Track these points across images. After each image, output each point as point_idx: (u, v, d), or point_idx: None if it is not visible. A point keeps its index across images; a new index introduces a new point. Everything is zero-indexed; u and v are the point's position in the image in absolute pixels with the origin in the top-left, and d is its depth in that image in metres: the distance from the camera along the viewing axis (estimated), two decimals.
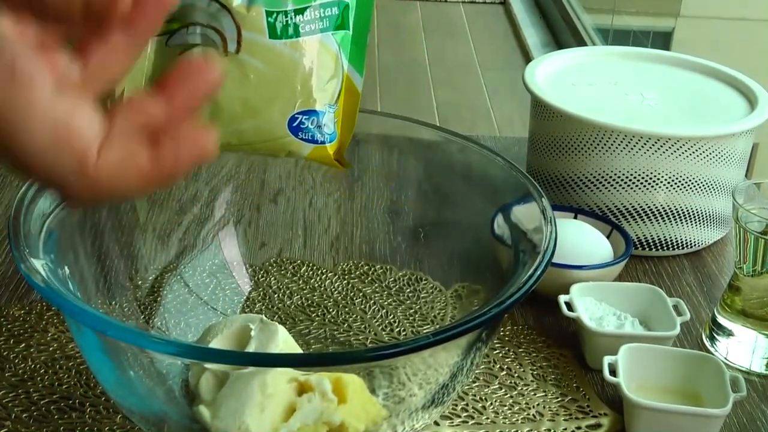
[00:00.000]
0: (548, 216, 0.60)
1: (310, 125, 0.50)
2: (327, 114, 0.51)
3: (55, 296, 0.50)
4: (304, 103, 0.50)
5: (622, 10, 3.71)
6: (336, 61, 0.50)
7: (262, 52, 0.50)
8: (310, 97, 0.50)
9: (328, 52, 0.50)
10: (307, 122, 0.50)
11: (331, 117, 0.51)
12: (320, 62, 0.50)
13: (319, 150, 0.51)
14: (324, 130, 0.50)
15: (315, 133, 0.50)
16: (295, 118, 0.50)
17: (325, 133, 0.50)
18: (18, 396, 0.66)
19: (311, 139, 0.50)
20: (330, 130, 0.51)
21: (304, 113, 0.50)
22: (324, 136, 0.51)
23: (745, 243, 0.71)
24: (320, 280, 0.75)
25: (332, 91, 0.50)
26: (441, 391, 0.58)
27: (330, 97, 0.51)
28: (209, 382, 0.58)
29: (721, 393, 0.65)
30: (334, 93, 0.51)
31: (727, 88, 0.95)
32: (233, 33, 0.49)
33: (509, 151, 1.05)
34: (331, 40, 0.50)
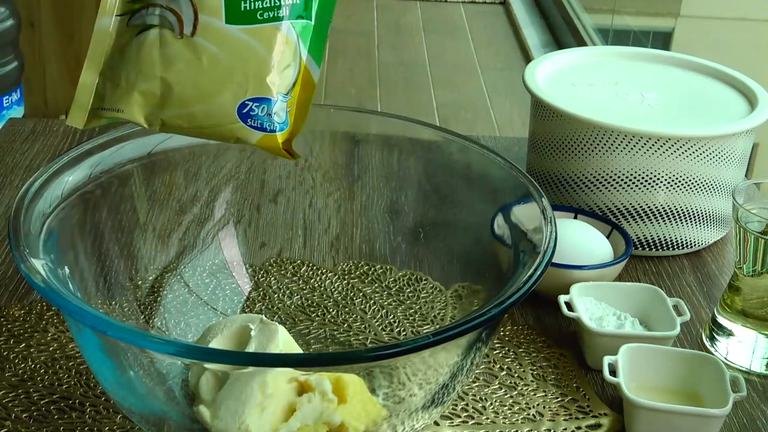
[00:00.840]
0: (548, 216, 0.60)
1: (260, 113, 0.50)
2: (279, 102, 0.50)
3: (55, 296, 0.50)
4: (255, 89, 0.50)
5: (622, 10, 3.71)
6: (294, 50, 0.50)
7: (218, 37, 0.49)
8: (262, 84, 0.49)
9: (286, 40, 0.50)
10: (257, 109, 0.50)
11: (284, 106, 0.50)
12: (276, 50, 0.49)
13: (268, 138, 0.50)
14: (274, 118, 0.50)
15: (264, 121, 0.50)
16: (245, 105, 0.50)
17: (275, 122, 0.50)
18: (18, 396, 0.66)
19: (260, 127, 0.50)
20: (281, 119, 0.50)
21: (255, 100, 0.50)
22: (273, 125, 0.50)
23: (745, 243, 0.71)
24: (320, 280, 0.75)
25: (287, 80, 0.50)
26: (441, 391, 0.58)
27: (284, 86, 0.50)
28: (209, 382, 0.58)
29: (721, 393, 0.65)
30: (288, 82, 0.50)
31: (727, 88, 0.95)
32: (190, 15, 0.49)
33: (509, 151, 1.05)
34: (290, 29, 0.50)
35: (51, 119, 1.03)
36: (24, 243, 0.53)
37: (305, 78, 0.50)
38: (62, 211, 0.59)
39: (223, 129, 0.50)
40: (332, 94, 3.16)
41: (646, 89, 0.94)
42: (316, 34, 0.51)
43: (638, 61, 1.01)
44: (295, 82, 0.50)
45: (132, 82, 0.50)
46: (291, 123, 0.51)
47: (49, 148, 0.99)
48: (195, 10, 0.49)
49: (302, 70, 0.50)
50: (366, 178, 0.76)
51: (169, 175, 0.71)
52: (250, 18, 0.49)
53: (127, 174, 0.67)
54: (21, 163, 0.96)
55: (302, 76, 0.50)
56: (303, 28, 0.50)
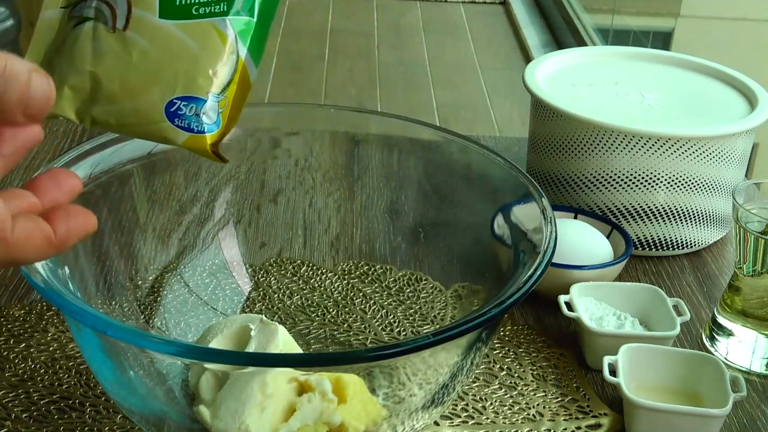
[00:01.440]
0: (548, 216, 0.60)
1: (188, 112, 0.47)
2: (209, 102, 0.47)
3: (55, 296, 0.50)
4: (185, 88, 0.47)
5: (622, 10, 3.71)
6: (231, 48, 0.47)
7: (150, 31, 0.47)
8: (193, 82, 0.47)
9: (222, 37, 0.47)
10: (185, 109, 0.47)
11: (215, 106, 0.47)
12: (210, 47, 0.47)
13: (195, 139, 0.47)
14: (203, 119, 0.47)
15: (192, 121, 0.47)
16: (173, 104, 0.47)
17: (204, 123, 0.47)
18: (18, 396, 0.66)
19: (186, 127, 0.47)
20: (211, 120, 0.47)
21: (184, 99, 0.47)
22: (201, 126, 0.47)
23: (745, 243, 0.71)
24: (320, 280, 0.75)
25: (221, 79, 0.47)
26: (441, 391, 0.58)
27: (217, 86, 0.47)
28: (209, 382, 0.58)
29: (721, 393, 0.65)
30: (222, 81, 0.47)
31: (727, 88, 0.95)
32: (124, 9, 0.47)
33: (509, 151, 1.05)
34: (227, 25, 0.47)
35: (51, 119, 1.03)
36: None
37: (242, 77, 0.48)
38: None
39: (151, 128, 0.47)
40: (332, 94, 3.16)
41: (646, 89, 0.94)
42: (257, 33, 0.48)
43: (638, 61, 1.01)
44: (230, 81, 0.48)
45: (64, 76, 0.47)
46: (223, 124, 0.48)
47: (49, 148, 0.99)
48: (129, 3, 0.47)
49: (239, 70, 0.48)
50: (366, 178, 0.76)
51: (169, 175, 0.71)
52: (185, 13, 0.47)
53: (127, 174, 0.67)
54: (21, 163, 0.96)
55: (239, 75, 0.48)
56: (244, 25, 0.48)
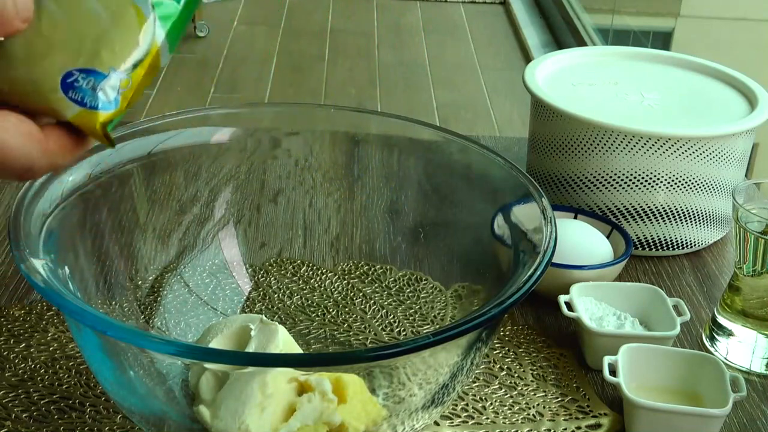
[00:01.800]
0: (548, 216, 0.60)
1: (85, 85, 0.44)
2: (111, 79, 0.44)
3: (55, 296, 0.50)
4: (87, 60, 0.44)
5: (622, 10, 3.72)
6: (147, 30, 0.45)
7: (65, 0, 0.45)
8: (96, 56, 0.44)
9: (138, 14, 0.45)
10: (82, 81, 0.44)
11: (116, 85, 0.45)
12: (123, 23, 0.45)
13: (86, 115, 0.45)
14: (98, 94, 0.44)
15: (86, 95, 0.44)
16: (71, 74, 0.44)
17: (99, 99, 0.44)
18: (18, 396, 0.66)
19: (79, 101, 0.44)
20: (107, 98, 0.44)
21: (83, 71, 0.44)
22: (96, 101, 0.44)
23: (745, 243, 0.71)
24: (320, 280, 0.75)
25: (129, 58, 0.45)
26: (441, 391, 0.58)
27: (122, 62, 0.45)
28: (209, 382, 0.58)
29: (721, 393, 0.65)
30: (130, 61, 0.45)
31: (727, 88, 0.95)
32: None
33: (509, 151, 1.05)
34: (148, 6, 0.45)
35: None
36: (24, 243, 0.53)
37: (152, 63, 0.45)
38: (62, 211, 0.59)
39: (41, 97, 0.44)
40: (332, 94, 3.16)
41: (646, 89, 0.94)
42: (179, 20, 0.46)
43: (638, 61, 1.01)
44: (138, 62, 0.45)
45: None
46: (120, 106, 0.45)
47: None
48: None
49: (152, 53, 0.45)
50: (366, 178, 0.76)
51: (169, 175, 0.71)
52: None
53: (127, 174, 0.67)
54: None
55: (150, 60, 0.45)
56: (167, 9, 0.45)
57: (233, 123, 0.74)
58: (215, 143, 0.74)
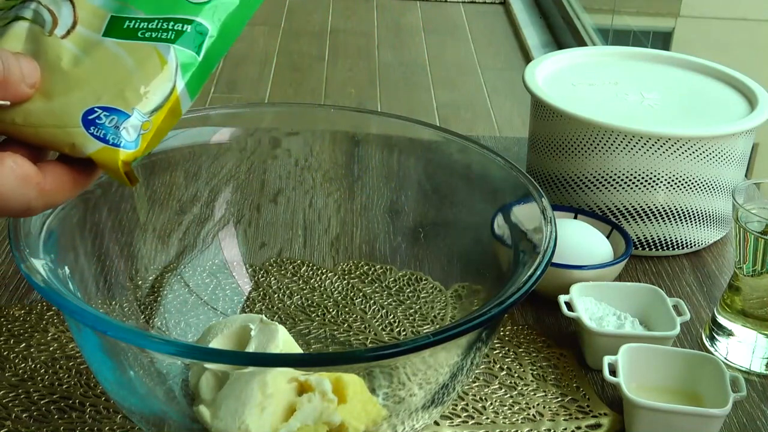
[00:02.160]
0: (548, 216, 0.60)
1: (108, 123, 0.45)
2: (133, 119, 0.45)
3: (55, 296, 0.50)
4: (110, 98, 0.45)
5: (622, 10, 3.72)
6: (169, 75, 0.46)
7: (89, 45, 0.46)
8: (120, 95, 0.45)
9: (162, 62, 0.46)
10: (105, 119, 0.45)
11: (138, 125, 0.45)
12: (148, 68, 0.46)
13: (108, 152, 0.45)
14: (122, 133, 0.45)
15: (109, 133, 0.45)
16: (93, 111, 0.45)
17: (122, 137, 0.45)
18: (18, 396, 0.66)
19: (102, 138, 0.45)
20: (130, 137, 0.45)
21: (106, 109, 0.45)
22: (119, 139, 0.45)
23: (745, 243, 0.71)
24: (320, 280, 0.75)
25: (151, 101, 0.46)
26: (441, 391, 0.58)
27: (145, 106, 0.45)
28: (209, 382, 0.58)
29: (721, 393, 0.65)
30: (152, 104, 0.46)
31: (727, 88, 0.95)
32: (68, 22, 0.46)
33: (509, 151, 1.05)
34: (170, 53, 0.46)
35: None
36: (24, 243, 0.53)
37: (173, 108, 0.46)
38: (62, 211, 0.59)
39: (60, 131, 0.45)
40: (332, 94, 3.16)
41: (646, 89, 0.94)
42: (199, 71, 0.47)
43: (638, 61, 1.01)
44: (160, 106, 0.46)
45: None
46: (141, 147, 0.45)
47: None
48: (75, 20, 0.46)
49: (172, 99, 0.46)
50: (366, 178, 0.76)
51: (169, 175, 0.71)
52: (130, 34, 0.46)
53: None
54: None
55: (171, 104, 0.46)
56: (188, 59, 0.46)
57: (233, 123, 0.74)
58: (215, 143, 0.74)
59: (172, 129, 0.47)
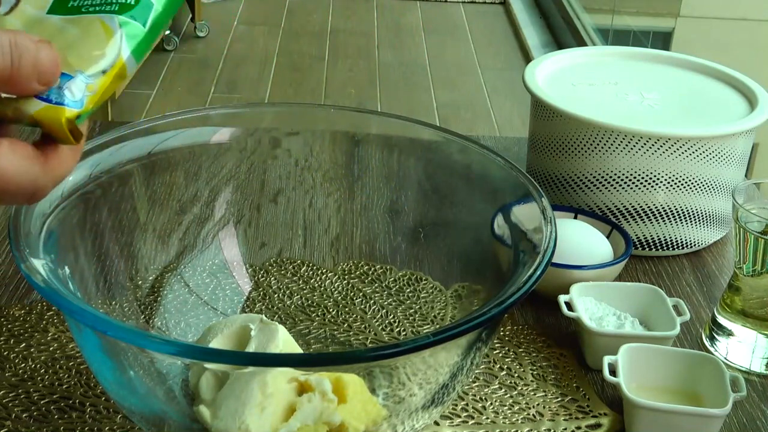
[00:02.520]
0: (548, 216, 0.60)
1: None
2: (77, 80, 0.46)
3: (55, 296, 0.50)
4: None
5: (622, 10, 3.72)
6: (113, 43, 0.48)
7: (33, 21, 0.47)
8: (64, 60, 0.46)
9: (107, 31, 0.47)
10: None
11: (82, 87, 0.46)
12: (92, 36, 0.47)
13: (51, 111, 0.46)
14: (65, 92, 0.46)
15: (52, 92, 0.45)
16: None
17: (65, 96, 0.46)
18: (18, 396, 0.66)
19: (44, 98, 0.46)
20: (73, 96, 0.46)
21: None
22: (61, 98, 0.46)
23: (745, 243, 0.71)
24: (320, 280, 0.75)
25: (95, 65, 0.47)
26: (441, 391, 0.58)
27: (88, 68, 0.47)
28: (209, 382, 0.58)
29: (721, 393, 0.65)
30: (97, 68, 0.47)
31: (727, 88, 0.95)
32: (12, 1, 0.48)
33: (509, 151, 1.05)
34: (113, 22, 0.48)
35: None
36: (24, 243, 0.53)
37: (119, 72, 0.48)
38: (62, 211, 0.59)
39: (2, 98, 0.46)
40: (332, 94, 3.16)
41: (646, 89, 0.94)
42: (146, 41, 0.49)
43: (638, 61, 1.01)
44: (104, 71, 0.47)
45: None
46: (85, 107, 0.47)
47: None
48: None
49: (117, 66, 0.48)
50: (366, 178, 0.76)
51: (169, 175, 0.71)
52: (74, 11, 0.48)
53: (127, 174, 0.67)
54: None
55: (117, 70, 0.48)
56: (132, 29, 0.48)
57: (233, 123, 0.74)
58: (215, 143, 0.74)
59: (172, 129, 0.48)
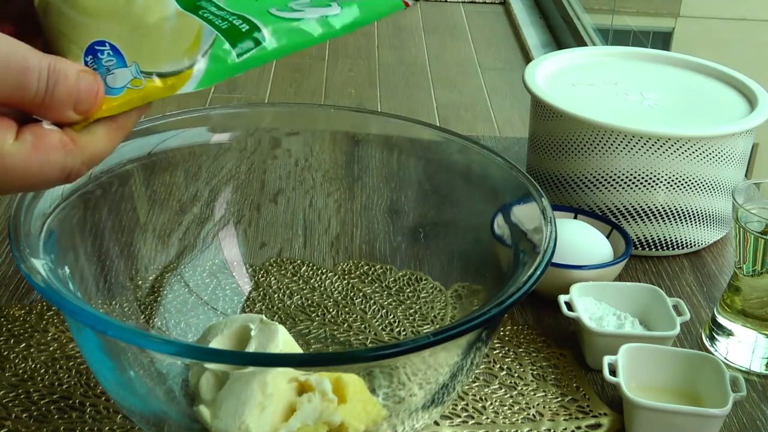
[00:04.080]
0: (548, 216, 0.60)
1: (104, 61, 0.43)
2: (128, 70, 0.43)
3: (55, 296, 0.50)
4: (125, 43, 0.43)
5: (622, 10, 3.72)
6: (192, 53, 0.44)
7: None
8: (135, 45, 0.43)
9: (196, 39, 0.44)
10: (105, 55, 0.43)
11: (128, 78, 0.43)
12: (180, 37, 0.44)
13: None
14: (108, 77, 0.43)
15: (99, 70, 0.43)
16: (104, 44, 0.43)
17: (107, 80, 0.43)
18: (18, 396, 0.66)
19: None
20: (115, 84, 0.43)
21: (114, 49, 0.43)
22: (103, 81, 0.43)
23: (745, 243, 0.71)
24: (320, 280, 0.75)
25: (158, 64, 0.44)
26: (441, 391, 0.58)
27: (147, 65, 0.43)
28: (209, 382, 0.58)
29: (721, 393, 0.65)
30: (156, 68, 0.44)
31: (727, 88, 0.95)
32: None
33: (509, 151, 1.05)
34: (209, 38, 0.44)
35: None
36: (24, 243, 0.53)
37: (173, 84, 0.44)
38: (62, 211, 0.59)
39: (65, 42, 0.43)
40: (332, 94, 3.16)
41: (646, 89, 0.94)
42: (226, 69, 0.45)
43: (638, 61, 1.01)
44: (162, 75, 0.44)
45: None
46: (120, 100, 0.43)
47: None
48: None
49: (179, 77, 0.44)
50: (366, 178, 0.76)
51: (169, 175, 0.71)
52: (194, 9, 0.44)
53: (127, 174, 0.67)
54: None
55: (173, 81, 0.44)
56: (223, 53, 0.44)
57: (233, 123, 0.74)
58: (215, 143, 0.74)
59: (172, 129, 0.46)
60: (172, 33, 0.44)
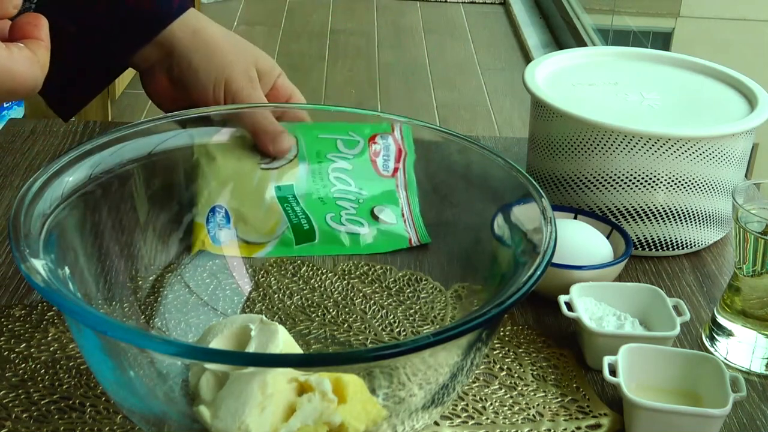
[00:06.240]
0: (548, 216, 0.60)
1: (219, 219, 0.67)
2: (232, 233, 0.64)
3: (56, 296, 0.50)
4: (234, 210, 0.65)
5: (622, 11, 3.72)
6: (269, 235, 0.64)
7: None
8: (242, 217, 0.66)
9: (275, 225, 0.64)
10: (221, 216, 0.67)
11: (230, 238, 0.64)
12: (265, 218, 0.65)
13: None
14: (216, 231, 0.65)
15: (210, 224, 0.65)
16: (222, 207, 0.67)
17: (214, 235, 0.64)
18: (18, 396, 0.66)
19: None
20: (220, 238, 0.66)
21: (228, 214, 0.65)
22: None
23: (745, 243, 0.71)
24: (320, 280, 0.75)
25: (248, 236, 0.66)
26: (441, 391, 0.58)
27: (243, 233, 0.65)
28: (209, 382, 0.58)
29: (721, 393, 0.65)
30: (247, 236, 0.66)
31: (727, 88, 0.95)
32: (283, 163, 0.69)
33: (509, 151, 1.05)
34: (283, 226, 0.64)
35: (51, 119, 1.03)
36: (24, 243, 0.53)
37: (247, 250, 0.70)
38: (62, 211, 0.59)
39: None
40: (332, 94, 3.16)
41: (646, 89, 0.94)
42: (285, 251, 0.64)
43: (638, 61, 1.01)
44: (248, 243, 0.68)
45: None
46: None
47: (50, 149, 0.99)
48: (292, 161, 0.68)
49: (253, 248, 0.68)
50: None
51: (169, 175, 0.71)
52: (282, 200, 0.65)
53: (127, 174, 0.67)
54: (21, 164, 0.96)
55: (250, 248, 0.69)
56: (287, 240, 0.62)
57: (233, 123, 0.74)
58: (215, 143, 0.74)
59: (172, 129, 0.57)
60: (264, 214, 0.62)
